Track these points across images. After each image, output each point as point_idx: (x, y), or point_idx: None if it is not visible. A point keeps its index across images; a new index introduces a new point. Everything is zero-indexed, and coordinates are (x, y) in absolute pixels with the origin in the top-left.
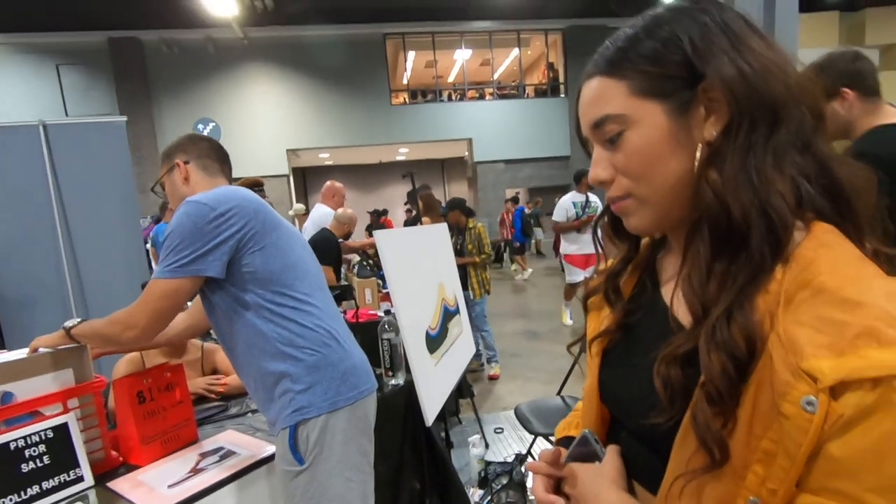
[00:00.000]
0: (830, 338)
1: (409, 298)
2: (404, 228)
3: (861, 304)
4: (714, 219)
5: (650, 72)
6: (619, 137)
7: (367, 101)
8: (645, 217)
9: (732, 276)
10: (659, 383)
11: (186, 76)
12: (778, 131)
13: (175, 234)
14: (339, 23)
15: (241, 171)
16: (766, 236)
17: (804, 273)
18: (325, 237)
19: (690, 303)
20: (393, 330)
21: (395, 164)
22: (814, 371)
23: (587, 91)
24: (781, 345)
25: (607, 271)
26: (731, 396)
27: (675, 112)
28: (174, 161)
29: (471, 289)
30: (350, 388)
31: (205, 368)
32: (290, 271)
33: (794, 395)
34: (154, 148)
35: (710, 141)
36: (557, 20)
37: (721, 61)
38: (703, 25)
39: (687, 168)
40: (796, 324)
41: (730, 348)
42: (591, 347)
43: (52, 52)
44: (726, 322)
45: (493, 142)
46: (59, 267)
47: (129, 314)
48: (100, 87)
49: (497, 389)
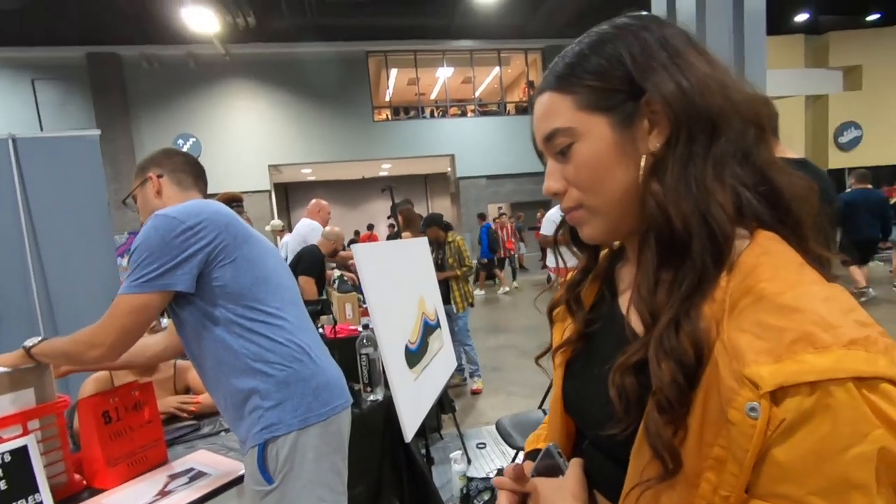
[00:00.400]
0: (769, 343)
1: (388, 313)
2: (383, 242)
3: (798, 309)
4: (658, 228)
5: (595, 86)
6: (568, 150)
7: (349, 117)
8: (597, 227)
9: (678, 285)
10: (614, 393)
11: (166, 91)
12: (717, 143)
13: (142, 248)
14: (321, 40)
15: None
16: (707, 245)
17: (747, 280)
18: (311, 251)
19: (640, 311)
20: (371, 345)
21: (378, 179)
22: (754, 377)
23: (538, 106)
24: (726, 351)
25: (568, 282)
26: (681, 404)
27: (620, 125)
28: (147, 174)
29: (453, 302)
30: (322, 403)
31: (177, 387)
32: (262, 285)
33: (738, 402)
34: (132, 163)
35: (653, 152)
36: (536, 40)
37: (660, 76)
38: (644, 42)
39: (633, 178)
40: (739, 330)
41: (678, 356)
42: (554, 358)
43: (28, 66)
44: (674, 330)
45: (475, 158)
46: (26, 284)
47: (93, 332)
48: (76, 102)
49: (479, 404)
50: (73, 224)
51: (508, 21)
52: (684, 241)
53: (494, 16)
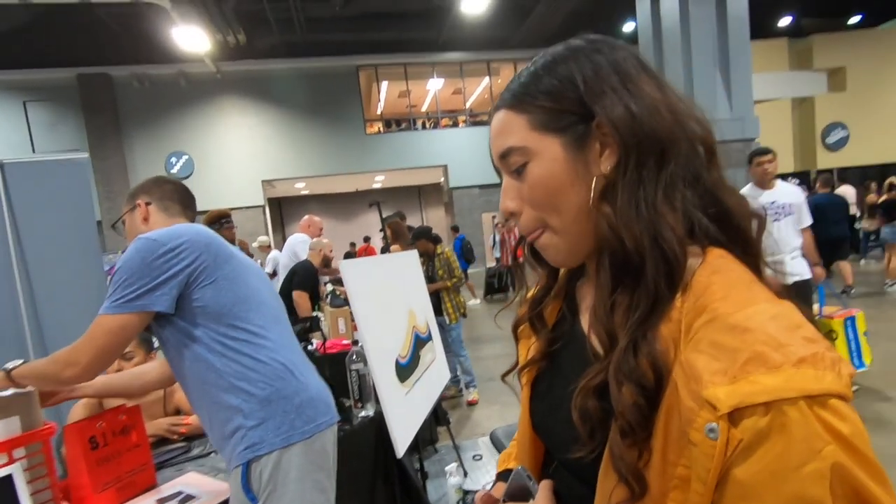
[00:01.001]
0: (724, 364)
1: (377, 327)
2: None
3: (748, 329)
4: (611, 250)
5: (548, 107)
6: (523, 169)
7: (341, 130)
8: (559, 250)
9: (634, 307)
10: (576, 416)
11: (158, 110)
12: (666, 166)
13: (123, 270)
14: (311, 56)
15: (216, 203)
16: (659, 267)
17: (700, 300)
18: (304, 266)
19: (598, 333)
20: (361, 360)
21: (371, 191)
22: (711, 399)
23: (494, 123)
24: (684, 372)
25: (530, 300)
26: (643, 427)
27: (572, 146)
28: (136, 201)
29: (445, 314)
30: (306, 421)
31: (167, 408)
32: (244, 304)
33: (698, 423)
34: (125, 182)
35: (605, 174)
36: (525, 50)
37: (610, 100)
38: (596, 64)
39: (586, 200)
40: (695, 351)
41: (637, 379)
42: (521, 377)
43: (20, 88)
44: (633, 353)
45: (467, 168)
46: (15, 309)
47: (70, 351)
48: (68, 123)
49: (475, 415)
50: (63, 247)
51: (496, 32)
52: (637, 264)
53: (482, 28)
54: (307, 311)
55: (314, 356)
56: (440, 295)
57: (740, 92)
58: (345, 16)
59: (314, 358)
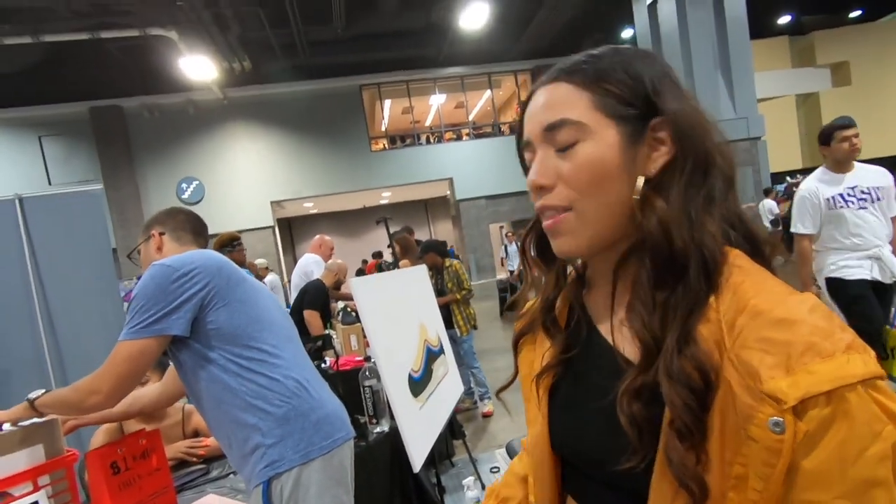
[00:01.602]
0: (778, 357)
1: (389, 343)
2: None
3: (795, 321)
4: (657, 247)
5: (613, 92)
6: (571, 147)
7: (347, 149)
8: (581, 237)
9: (674, 308)
10: (625, 420)
11: (168, 138)
12: (709, 178)
13: (140, 297)
14: (315, 78)
15: (227, 225)
16: (700, 268)
17: (736, 298)
18: (315, 285)
19: (640, 335)
20: (374, 376)
21: (378, 207)
22: (775, 392)
23: (545, 94)
24: (736, 370)
25: (542, 304)
26: (699, 429)
27: (628, 139)
28: (151, 231)
29: (456, 326)
30: (324, 436)
31: (186, 431)
32: (256, 324)
33: (759, 419)
34: (139, 210)
35: (648, 177)
36: (524, 61)
37: (674, 104)
38: (661, 71)
39: (626, 195)
40: (745, 348)
41: (687, 380)
42: (537, 387)
43: (35, 124)
44: (678, 354)
45: (473, 179)
46: (36, 341)
47: (92, 379)
48: (82, 155)
49: (491, 427)
50: (80, 278)
51: (496, 46)
52: (682, 264)
53: (482, 42)
54: (319, 329)
55: (327, 374)
56: (450, 307)
57: (743, 91)
58: (346, 38)
59: (327, 376)
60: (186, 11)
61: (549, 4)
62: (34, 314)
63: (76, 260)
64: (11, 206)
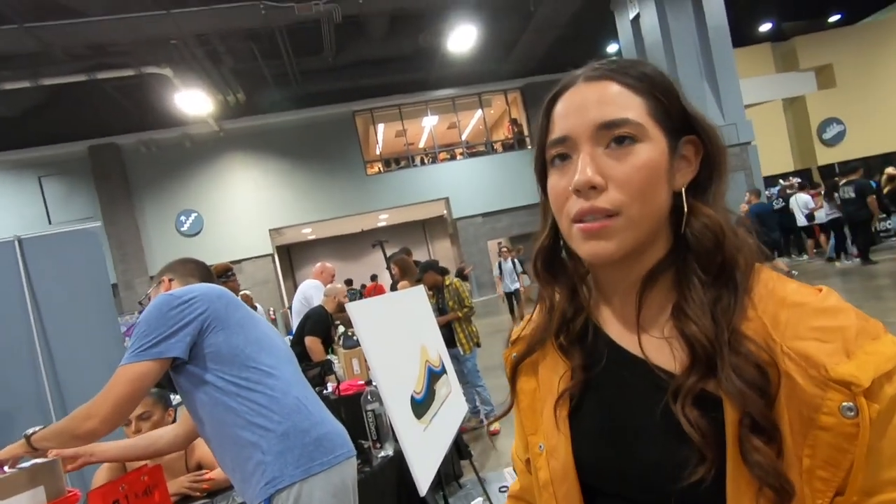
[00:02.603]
0: (836, 344)
1: (390, 366)
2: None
3: (839, 309)
4: (707, 254)
5: (663, 102)
6: (628, 147)
7: (343, 174)
8: (624, 242)
9: (721, 310)
10: (688, 426)
11: (165, 172)
12: (725, 195)
13: (143, 323)
14: (308, 106)
15: (226, 255)
16: (744, 274)
17: (772, 295)
18: (317, 311)
19: (695, 337)
20: (376, 400)
21: (376, 230)
22: (845, 377)
23: (599, 90)
24: (794, 361)
25: (556, 323)
26: (772, 424)
27: (670, 149)
28: (162, 278)
29: (459, 345)
30: (324, 452)
31: (189, 464)
32: (255, 345)
33: (829, 406)
34: (138, 245)
35: (676, 191)
36: (513, 80)
37: (701, 124)
38: (682, 94)
39: (666, 204)
40: (798, 339)
41: (749, 378)
42: (555, 413)
43: (34, 165)
44: (736, 355)
45: (469, 197)
46: (38, 380)
47: (89, 404)
48: (81, 193)
49: (499, 445)
50: (80, 315)
51: (485, 66)
52: (731, 268)
53: (471, 63)
54: (321, 355)
55: (330, 400)
56: (452, 326)
57: (730, 98)
58: (338, 66)
59: (330, 402)
60: (181, 49)
61: (534, 26)
62: (35, 354)
63: (76, 298)
64: (11, 248)
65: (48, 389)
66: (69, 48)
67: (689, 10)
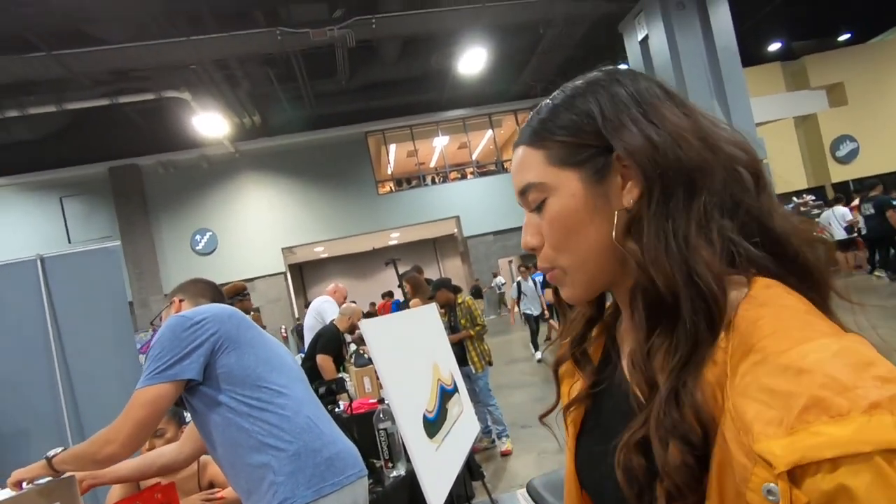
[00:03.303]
0: (778, 413)
1: (402, 384)
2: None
3: (804, 370)
4: (643, 289)
5: (566, 142)
6: (542, 205)
7: (355, 193)
8: (575, 286)
9: (673, 351)
10: (621, 476)
11: (182, 192)
12: (698, 196)
13: (156, 345)
14: (322, 128)
15: (240, 273)
16: (696, 306)
17: (747, 338)
18: (329, 329)
19: (637, 381)
20: (389, 419)
21: (388, 248)
22: (765, 454)
23: (514, 159)
24: (732, 423)
25: (573, 336)
26: (693, 489)
27: (591, 180)
28: (173, 299)
29: (471, 363)
30: (336, 472)
31: (201, 483)
32: (266, 365)
33: (754, 482)
34: (154, 263)
35: (627, 208)
36: (523, 101)
37: (629, 132)
38: (615, 96)
39: (606, 235)
40: (743, 397)
41: (683, 433)
42: (565, 419)
43: (56, 186)
44: (675, 404)
45: (479, 216)
46: (55, 398)
47: (108, 429)
48: (101, 212)
49: (511, 466)
50: (98, 334)
51: (495, 87)
52: (672, 304)
53: (481, 84)
54: (332, 373)
55: (341, 418)
56: (464, 344)
57: (740, 117)
58: (350, 88)
59: (342, 420)
60: (199, 73)
61: (543, 47)
62: (53, 372)
63: (94, 316)
64: (33, 266)
65: (65, 407)
66: (93, 74)
67: (697, 31)
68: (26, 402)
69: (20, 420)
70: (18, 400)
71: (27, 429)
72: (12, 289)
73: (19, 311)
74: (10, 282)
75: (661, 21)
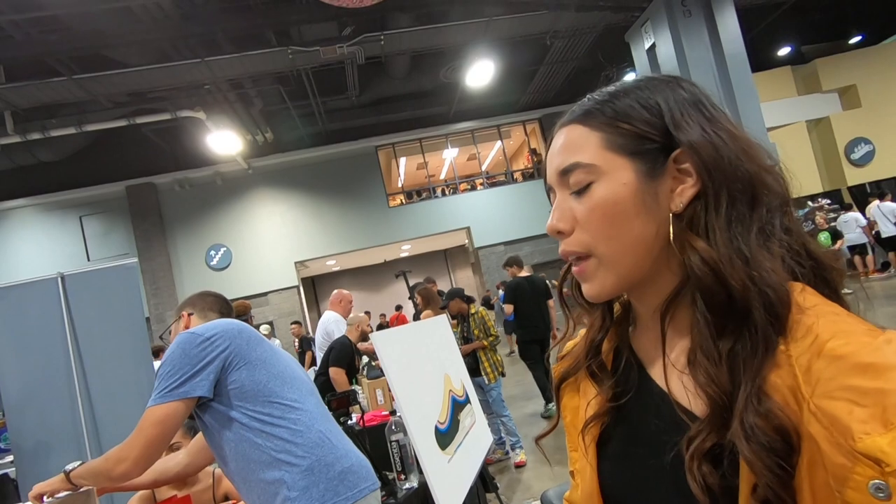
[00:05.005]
0: (872, 409)
1: (414, 396)
2: (401, 326)
3: (885, 366)
4: (709, 291)
5: (626, 129)
6: (586, 189)
7: (366, 206)
8: (606, 281)
9: (742, 359)
10: (696, 487)
11: (197, 209)
12: (759, 209)
13: (167, 363)
14: (333, 143)
15: (253, 288)
16: (769, 311)
17: (809, 340)
18: (341, 342)
19: (707, 389)
20: (401, 430)
21: (399, 261)
22: (874, 452)
23: (560, 138)
24: (821, 423)
25: (586, 348)
26: (787, 496)
27: (645, 174)
28: (181, 313)
29: (484, 374)
30: (348, 487)
31: (216, 497)
32: (277, 379)
33: (856, 481)
34: (170, 278)
35: (675, 212)
36: (532, 112)
37: (696, 133)
38: (679, 97)
39: (650, 233)
40: (828, 398)
41: (769, 442)
42: (582, 438)
43: (76, 205)
44: (754, 412)
45: (490, 227)
46: (74, 412)
47: (121, 447)
48: (119, 231)
49: (525, 477)
50: (116, 350)
51: (503, 99)
52: (744, 308)
53: (490, 96)
54: (344, 385)
55: (354, 431)
56: (477, 355)
57: (751, 123)
58: (361, 103)
59: (354, 433)
60: (213, 93)
61: (550, 58)
62: (73, 387)
63: (113, 332)
64: (54, 284)
65: (83, 420)
66: (112, 96)
67: (704, 39)
68: (48, 416)
69: (41, 434)
70: (38, 416)
71: (48, 441)
72: (35, 306)
73: (41, 328)
74: (33, 299)
75: (668, 29)
